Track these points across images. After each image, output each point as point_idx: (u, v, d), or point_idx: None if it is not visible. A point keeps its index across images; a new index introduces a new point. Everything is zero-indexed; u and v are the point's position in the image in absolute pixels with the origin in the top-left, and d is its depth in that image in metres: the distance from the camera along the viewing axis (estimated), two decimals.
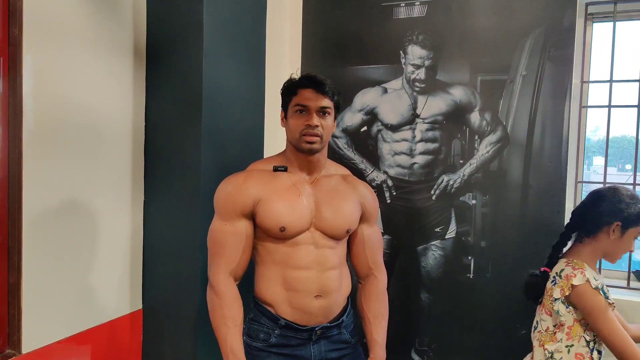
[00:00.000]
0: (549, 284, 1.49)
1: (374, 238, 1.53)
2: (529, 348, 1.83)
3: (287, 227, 1.34)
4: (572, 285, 1.39)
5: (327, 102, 1.35)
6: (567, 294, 1.40)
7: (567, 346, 1.42)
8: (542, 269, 1.53)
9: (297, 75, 1.42)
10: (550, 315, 1.46)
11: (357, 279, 1.55)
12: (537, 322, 1.53)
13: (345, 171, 1.54)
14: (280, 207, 1.35)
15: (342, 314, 1.45)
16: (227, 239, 1.36)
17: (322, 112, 1.35)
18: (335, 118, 1.42)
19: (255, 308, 1.43)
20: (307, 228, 1.37)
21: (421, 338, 2.04)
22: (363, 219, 1.49)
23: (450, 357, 2.00)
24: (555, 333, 1.45)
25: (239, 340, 1.33)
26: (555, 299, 1.43)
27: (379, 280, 1.52)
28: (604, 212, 1.44)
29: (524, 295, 1.57)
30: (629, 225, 1.42)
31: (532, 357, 1.53)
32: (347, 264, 1.49)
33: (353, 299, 1.53)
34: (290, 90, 1.39)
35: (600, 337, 1.39)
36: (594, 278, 1.41)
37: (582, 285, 1.38)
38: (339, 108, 1.44)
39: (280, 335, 1.37)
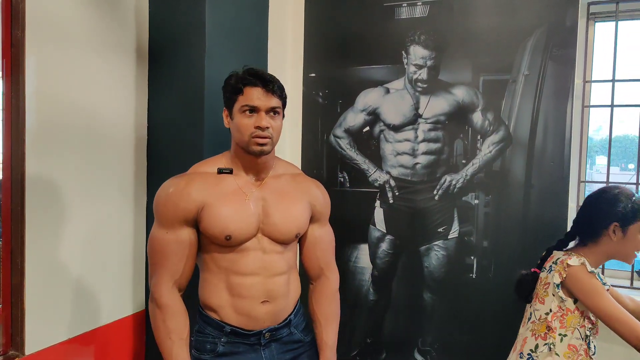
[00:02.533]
0: (543, 274, 1.48)
1: (325, 239, 1.47)
2: None
3: (233, 235, 1.26)
4: (567, 265, 1.38)
5: (276, 102, 1.27)
6: (564, 276, 1.38)
7: (560, 334, 1.40)
8: (533, 270, 1.52)
9: (239, 70, 1.29)
10: (543, 303, 1.45)
11: (308, 279, 1.50)
12: (530, 314, 1.51)
13: (295, 170, 1.47)
14: (225, 213, 1.26)
15: (289, 314, 1.39)
16: (169, 248, 1.26)
17: (272, 112, 1.27)
18: (283, 117, 1.34)
19: (200, 318, 1.36)
20: (254, 235, 1.30)
21: (424, 338, 2.03)
22: (313, 219, 1.43)
23: (453, 356, 2.00)
24: (549, 322, 1.42)
25: (185, 354, 1.26)
26: (556, 285, 1.40)
27: (331, 280, 1.47)
28: (599, 216, 1.42)
29: (516, 294, 1.56)
30: (628, 222, 1.40)
31: (521, 347, 1.50)
32: (296, 268, 1.44)
33: (303, 298, 1.47)
34: (235, 88, 1.28)
35: (600, 317, 1.35)
36: (589, 266, 1.39)
37: (578, 267, 1.37)
38: (286, 105, 1.36)
39: (228, 343, 1.31)
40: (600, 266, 1.48)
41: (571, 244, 1.53)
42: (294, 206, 1.36)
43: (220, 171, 1.32)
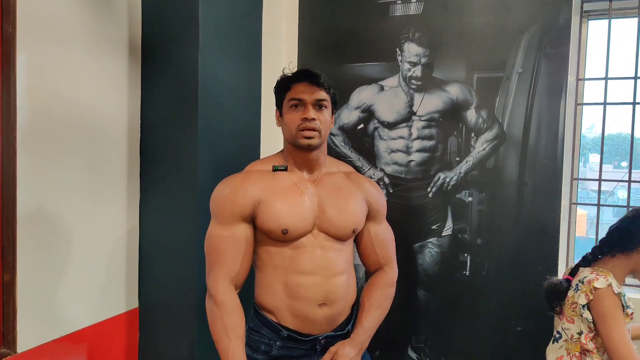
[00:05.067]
0: (570, 292, 1.48)
1: (383, 236, 1.46)
2: (524, 345, 1.83)
3: (289, 229, 1.27)
4: (594, 287, 1.38)
5: (323, 95, 1.29)
6: (591, 298, 1.39)
7: (598, 357, 1.41)
8: (565, 277, 1.53)
9: (289, 70, 1.36)
10: (573, 323, 1.45)
11: (367, 276, 1.51)
12: (558, 333, 1.52)
13: (348, 168, 1.49)
14: (282, 207, 1.27)
15: (347, 322, 1.39)
16: (226, 245, 1.28)
17: (319, 105, 1.29)
18: (332, 113, 1.36)
19: (255, 317, 1.36)
20: (310, 229, 1.30)
21: (418, 335, 2.04)
22: (370, 217, 1.43)
23: (447, 353, 2.01)
24: (583, 343, 1.42)
25: (242, 351, 1.25)
26: (583, 306, 1.41)
27: (387, 274, 1.46)
28: None
29: (546, 302, 1.55)
30: None
31: None
32: (354, 268, 1.43)
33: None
34: (284, 86, 1.32)
35: (607, 342, 1.36)
36: (617, 285, 1.40)
37: (605, 289, 1.38)
38: (336, 103, 1.38)
39: (283, 347, 1.31)
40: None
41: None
42: (349, 201, 1.36)
43: (276, 169, 1.35)
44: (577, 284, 1.46)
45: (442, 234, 1.99)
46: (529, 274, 1.85)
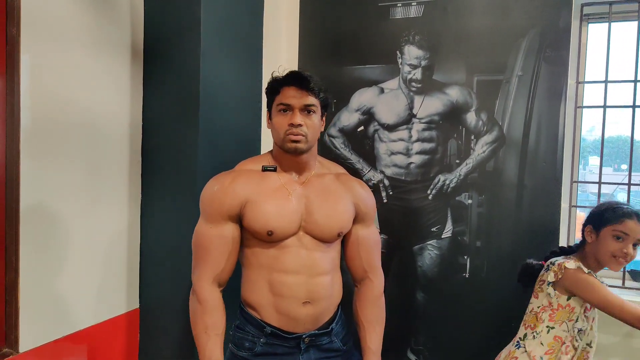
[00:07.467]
0: (542, 272, 1.58)
1: (369, 240, 1.46)
2: None
3: (274, 231, 1.28)
4: (565, 267, 1.47)
5: (311, 100, 1.29)
6: (559, 276, 1.47)
7: (547, 326, 1.49)
8: (543, 262, 1.63)
9: (279, 73, 1.37)
10: (537, 298, 1.55)
11: (353, 282, 1.52)
12: (526, 308, 1.63)
13: (339, 169, 1.49)
14: (268, 209, 1.29)
15: (332, 321, 1.39)
16: (213, 243, 1.30)
17: (307, 110, 1.30)
18: (323, 116, 1.36)
19: (240, 315, 1.38)
20: (295, 231, 1.31)
21: (417, 337, 2.05)
22: (357, 219, 1.43)
23: (446, 356, 2.01)
24: (538, 314, 1.52)
25: (219, 350, 1.27)
26: (548, 283, 1.50)
27: (374, 284, 1.47)
28: (584, 224, 1.57)
29: (518, 280, 1.68)
30: (600, 225, 1.49)
31: (515, 337, 1.62)
32: (339, 269, 1.44)
33: (344, 305, 1.48)
34: (273, 88, 1.33)
35: (601, 307, 1.42)
36: (586, 268, 1.48)
37: (574, 269, 1.47)
38: (327, 106, 1.38)
39: (267, 344, 1.32)
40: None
41: None
42: (337, 205, 1.37)
43: (265, 169, 1.36)
44: (548, 265, 1.55)
45: (442, 236, 2.00)
46: None
